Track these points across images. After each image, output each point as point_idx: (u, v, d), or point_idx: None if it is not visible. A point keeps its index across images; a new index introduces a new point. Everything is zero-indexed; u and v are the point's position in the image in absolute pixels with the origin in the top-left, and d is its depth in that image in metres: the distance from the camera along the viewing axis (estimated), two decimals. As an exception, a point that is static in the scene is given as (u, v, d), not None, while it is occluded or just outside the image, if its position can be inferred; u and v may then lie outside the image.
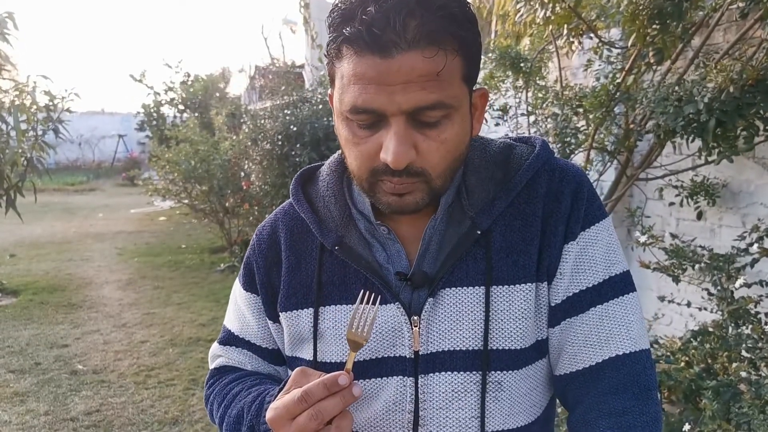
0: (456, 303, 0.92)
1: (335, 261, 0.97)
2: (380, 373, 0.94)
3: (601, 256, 0.93)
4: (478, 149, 0.98)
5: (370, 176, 0.87)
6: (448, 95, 0.82)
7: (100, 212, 13.82)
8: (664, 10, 2.68)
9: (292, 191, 1.04)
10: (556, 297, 0.93)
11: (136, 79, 16.76)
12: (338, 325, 0.96)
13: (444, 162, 0.86)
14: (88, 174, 21.98)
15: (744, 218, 3.33)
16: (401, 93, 0.79)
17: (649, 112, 2.98)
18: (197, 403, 3.99)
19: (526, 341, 0.92)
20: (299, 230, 1.03)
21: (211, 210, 8.92)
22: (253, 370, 1.09)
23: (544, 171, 0.95)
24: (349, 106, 0.83)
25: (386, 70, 0.79)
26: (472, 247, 0.92)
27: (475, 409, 0.92)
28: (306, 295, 0.99)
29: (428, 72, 0.79)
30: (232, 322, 1.12)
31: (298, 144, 6.41)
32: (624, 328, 0.92)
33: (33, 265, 8.31)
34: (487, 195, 0.93)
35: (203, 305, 6.33)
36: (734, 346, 2.71)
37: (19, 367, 4.63)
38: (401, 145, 0.81)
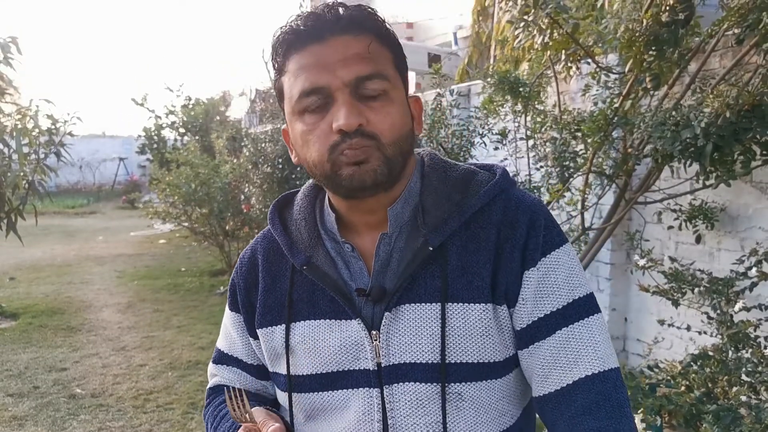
0: (414, 318, 0.97)
1: (305, 280, 1.04)
2: (347, 385, 1.00)
3: (563, 281, 0.97)
4: (439, 171, 1.04)
5: (330, 154, 0.93)
6: (383, 69, 0.94)
7: (100, 235, 13.82)
8: (661, 37, 2.72)
9: (269, 216, 1.11)
10: (521, 322, 0.97)
11: (138, 103, 16.84)
12: (307, 339, 1.02)
13: (392, 132, 0.94)
14: (89, 197, 22.00)
15: (743, 242, 3.34)
16: (341, 68, 0.91)
17: (646, 137, 3.01)
18: (196, 427, 3.97)
19: (484, 357, 0.96)
20: (274, 253, 1.09)
21: (211, 233, 8.92)
22: (244, 387, 1.15)
23: (501, 199, 1.00)
24: (298, 93, 0.93)
25: (324, 51, 0.92)
26: (428, 265, 0.97)
27: (437, 416, 0.96)
28: (279, 312, 1.06)
29: (361, 50, 0.92)
30: (222, 342, 1.20)
31: (298, 167, 6.44)
32: (591, 348, 0.95)
33: (33, 288, 8.30)
34: (442, 215, 0.98)
35: (202, 328, 6.31)
36: (734, 370, 2.71)
37: (17, 390, 4.61)
38: (350, 109, 0.91)
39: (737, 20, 2.77)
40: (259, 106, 11.79)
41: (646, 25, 2.78)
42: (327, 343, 1.01)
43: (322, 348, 1.01)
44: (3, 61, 6.06)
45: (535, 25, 3.17)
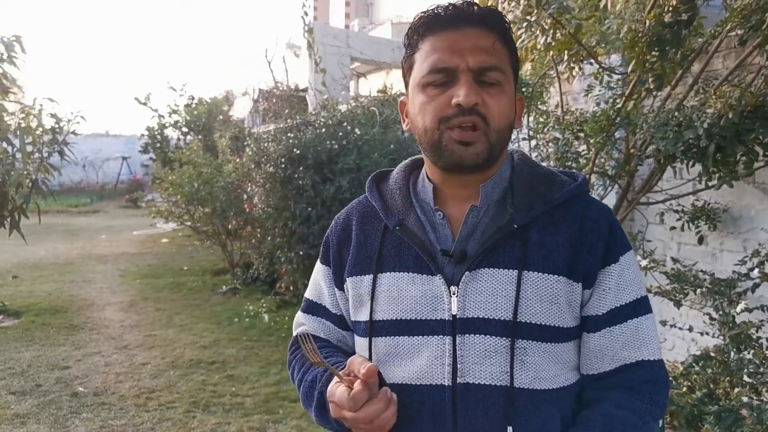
0: (491, 280, 1.11)
1: (394, 239, 1.20)
2: (423, 332, 1.13)
3: (634, 278, 1.15)
4: (528, 165, 1.22)
5: (441, 124, 1.09)
6: (502, 64, 1.11)
7: (103, 234, 13.84)
8: (663, 38, 2.71)
9: (368, 184, 1.30)
10: (601, 309, 1.13)
11: (141, 102, 16.87)
12: (391, 288, 1.17)
13: (500, 119, 1.10)
14: (92, 196, 22.04)
15: (745, 243, 3.34)
16: (469, 55, 1.08)
17: (649, 137, 3.01)
18: (198, 426, 3.98)
19: (550, 321, 1.11)
20: (369, 215, 1.27)
21: (214, 232, 8.93)
22: (327, 337, 1.32)
23: (582, 199, 1.18)
24: (428, 68, 1.10)
25: (458, 38, 1.10)
26: (510, 238, 1.12)
27: (505, 366, 1.09)
28: (368, 264, 1.21)
29: (487, 44, 1.10)
30: (310, 292, 1.36)
31: (301, 167, 6.44)
32: (651, 338, 1.15)
33: (35, 286, 8.31)
34: (529, 200, 1.15)
35: (205, 327, 6.32)
36: (736, 371, 2.71)
37: (20, 388, 4.62)
38: (470, 88, 1.07)
39: (740, 21, 2.77)
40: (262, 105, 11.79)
41: (649, 25, 2.78)
42: (409, 293, 1.15)
43: (404, 297, 1.15)
44: (7, 60, 6.08)
45: (538, 26, 3.17)
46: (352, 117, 6.90)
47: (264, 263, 7.80)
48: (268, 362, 5.22)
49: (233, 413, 4.19)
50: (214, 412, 4.22)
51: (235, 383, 4.74)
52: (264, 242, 7.50)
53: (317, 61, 9.14)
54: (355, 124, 6.69)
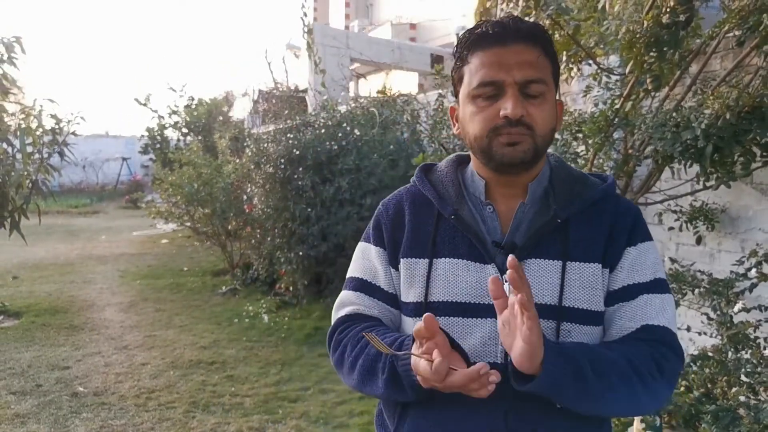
0: (539, 269, 1.22)
1: (447, 227, 1.29)
2: (476, 315, 1.22)
3: (651, 263, 1.25)
4: (565, 167, 1.33)
5: (490, 133, 1.19)
6: (545, 77, 1.20)
7: (102, 234, 13.84)
8: (661, 38, 2.72)
9: (417, 175, 1.38)
10: (615, 285, 1.23)
11: (141, 103, 16.88)
12: (448, 272, 1.26)
13: (544, 126, 1.20)
14: (92, 196, 22.04)
15: (743, 243, 3.35)
16: (516, 69, 1.17)
17: (647, 138, 3.02)
18: (197, 426, 3.99)
19: (591, 305, 1.21)
20: (420, 203, 1.35)
21: (214, 233, 8.94)
22: (379, 315, 1.35)
23: (612, 197, 1.30)
24: (478, 82, 1.19)
25: (504, 54, 1.18)
26: (553, 232, 1.23)
27: None
28: (424, 249, 1.29)
29: (532, 59, 1.19)
30: (363, 273, 1.38)
31: (300, 168, 6.46)
32: (663, 313, 1.22)
33: (36, 286, 8.32)
34: (569, 197, 1.26)
35: (204, 328, 6.33)
36: (734, 370, 2.72)
37: (20, 388, 4.63)
38: (516, 101, 1.16)
39: (738, 22, 2.78)
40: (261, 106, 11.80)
41: (647, 26, 2.79)
42: (464, 278, 1.24)
43: (461, 281, 1.24)
44: (7, 61, 6.09)
45: (537, 27, 3.17)
46: (351, 118, 6.91)
47: (264, 264, 7.81)
48: (268, 362, 5.23)
49: (233, 413, 4.20)
50: (214, 412, 4.22)
51: (234, 383, 4.75)
52: (264, 243, 7.51)
53: (317, 62, 9.15)
54: (355, 125, 6.71)
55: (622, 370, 1.12)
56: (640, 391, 1.13)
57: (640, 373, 1.13)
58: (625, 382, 1.12)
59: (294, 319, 6.49)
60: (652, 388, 1.14)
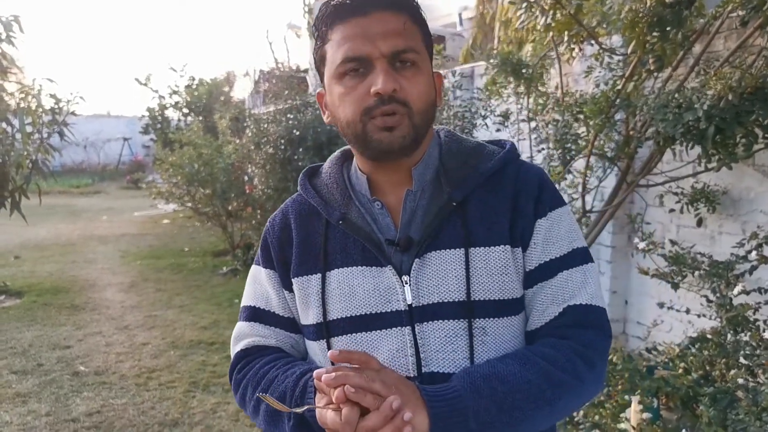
0: (441, 262, 1.09)
1: (338, 234, 1.16)
2: (380, 326, 1.10)
3: (566, 233, 1.13)
4: (455, 141, 1.20)
5: (363, 115, 1.06)
6: (415, 45, 1.08)
7: (104, 215, 13.86)
8: (664, 18, 2.70)
9: (300, 182, 1.25)
10: (530, 264, 1.12)
11: (142, 83, 16.85)
12: (342, 285, 1.13)
13: (420, 101, 1.08)
14: (93, 176, 22.03)
15: (744, 225, 3.34)
16: (381, 40, 1.04)
17: (649, 119, 3.00)
18: (197, 405, 4.01)
19: (505, 294, 1.09)
20: (306, 212, 1.22)
21: (214, 213, 8.94)
22: (277, 343, 1.23)
23: (512, 164, 1.17)
24: (341, 58, 1.06)
25: (367, 24, 1.05)
26: (450, 216, 1.11)
27: (465, 351, 1.08)
28: (314, 263, 1.17)
29: (397, 27, 1.06)
30: (255, 300, 1.27)
31: (300, 148, 6.44)
32: (584, 287, 1.11)
33: (37, 266, 8.34)
34: (462, 175, 1.14)
35: (205, 308, 6.35)
36: (732, 353, 2.72)
37: (21, 368, 4.65)
38: (387, 75, 1.04)
39: (742, 2, 2.75)
40: (262, 86, 11.75)
41: (650, 5, 2.76)
42: (361, 288, 1.12)
43: (357, 292, 1.12)
44: (5, 40, 6.04)
45: (538, 6, 3.15)
46: (352, 98, 6.88)
47: (264, 244, 7.80)
48: (268, 343, 5.24)
49: (232, 393, 4.21)
50: (214, 392, 4.24)
51: (234, 363, 4.76)
52: (264, 223, 7.50)
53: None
54: (356, 106, 6.67)
55: (537, 392, 1.01)
56: (565, 402, 1.05)
57: (562, 383, 1.03)
58: (543, 403, 1.01)
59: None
60: (581, 391, 1.07)
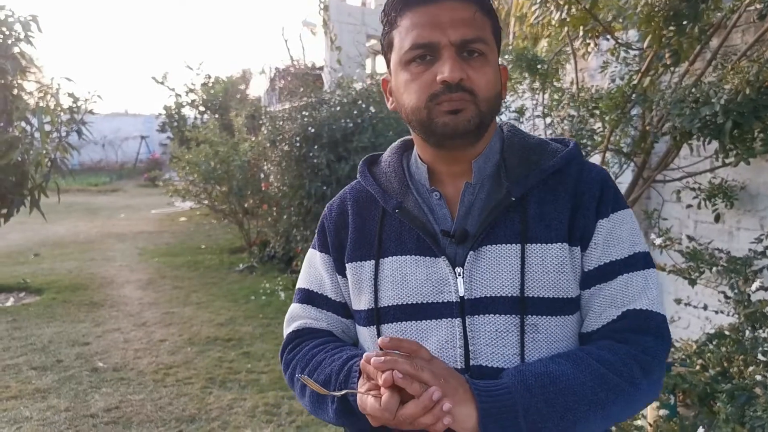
0: (496, 257, 1.09)
1: (394, 222, 1.17)
2: (430, 316, 1.10)
3: (627, 235, 1.11)
4: (519, 136, 1.19)
5: (429, 101, 1.06)
6: (484, 35, 1.07)
7: (122, 213, 13.98)
8: (680, 12, 2.67)
9: (359, 169, 1.27)
10: (589, 264, 1.10)
11: (158, 81, 16.93)
12: (395, 273, 1.14)
13: (486, 90, 1.07)
14: (111, 175, 22.24)
15: (762, 221, 3.30)
16: (450, 29, 1.04)
17: (665, 114, 2.97)
18: (214, 401, 4.04)
19: (559, 292, 1.08)
20: (364, 200, 1.24)
21: (231, 211, 8.99)
22: (328, 327, 1.25)
23: (575, 163, 1.14)
24: (409, 45, 1.06)
25: (437, 13, 1.05)
26: (509, 212, 1.10)
27: (515, 347, 1.06)
28: (368, 249, 1.18)
29: (468, 16, 1.06)
30: (309, 283, 1.29)
31: (315, 146, 6.44)
32: (645, 292, 1.08)
33: (56, 264, 8.44)
34: (523, 171, 1.12)
35: (221, 305, 6.39)
36: (750, 349, 2.69)
37: (41, 364, 4.71)
38: (454, 64, 1.03)
39: (760, -6, 2.71)
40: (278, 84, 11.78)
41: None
42: (413, 277, 1.12)
43: (409, 281, 1.12)
44: (24, 40, 6.11)
45: (553, 1, 3.13)
46: (367, 95, 6.87)
47: (280, 241, 7.84)
48: (284, 339, 5.26)
49: (249, 389, 4.24)
50: (230, 388, 4.27)
51: (251, 360, 4.79)
52: (280, 220, 7.54)
53: (332, 39, 9.09)
54: (370, 103, 6.67)
55: (590, 395, 0.99)
56: (620, 407, 1.02)
57: (616, 388, 1.01)
58: (596, 407, 0.99)
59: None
60: (636, 397, 1.03)
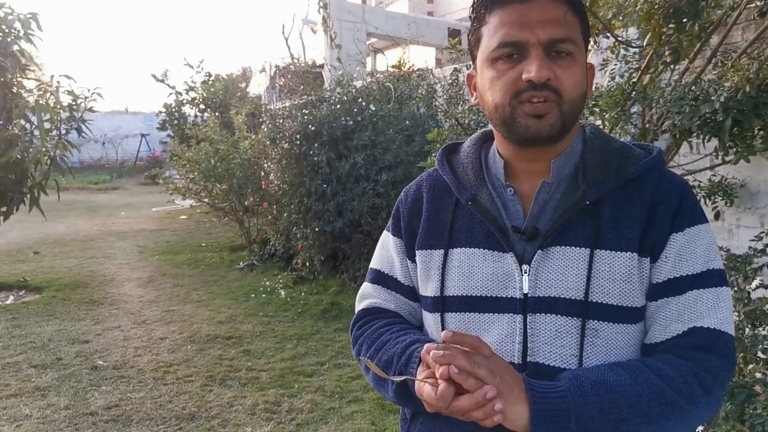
0: (563, 258, 1.09)
1: (466, 214, 1.18)
2: (493, 310, 1.12)
3: (702, 252, 1.08)
4: (601, 139, 1.17)
5: (513, 99, 1.06)
6: (573, 35, 1.07)
7: (122, 210, 13.98)
8: (680, 9, 2.66)
9: (437, 158, 1.29)
10: (659, 277, 1.08)
11: (158, 79, 16.95)
12: (462, 264, 1.16)
13: (572, 90, 1.06)
14: (112, 173, 22.22)
15: (762, 218, 3.30)
16: (539, 28, 1.04)
17: (665, 112, 2.96)
18: (214, 399, 4.04)
19: (624, 300, 1.07)
20: (439, 189, 1.25)
21: (231, 209, 8.99)
22: (396, 309, 1.30)
23: (656, 171, 1.12)
24: (497, 43, 1.06)
25: (527, 11, 1.05)
26: (582, 215, 1.09)
27: (575, 349, 1.07)
28: (439, 238, 1.20)
29: (557, 15, 1.05)
30: (381, 264, 1.33)
31: (316, 143, 6.44)
32: (715, 311, 1.06)
33: (56, 262, 8.43)
34: (601, 175, 1.11)
35: (222, 303, 6.39)
36: (750, 347, 2.69)
37: (41, 362, 4.71)
38: (541, 63, 1.03)
39: (760, -8, 2.70)
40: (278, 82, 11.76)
41: (666, -4, 2.72)
42: (480, 270, 1.14)
43: (476, 273, 1.14)
44: (24, 38, 6.11)
45: (553, -2, 3.11)
46: (367, 93, 6.87)
47: (280, 239, 7.84)
48: (284, 337, 5.27)
49: (249, 387, 4.24)
50: (231, 386, 4.27)
51: (251, 358, 4.79)
52: (280, 218, 7.54)
53: (332, 37, 9.09)
54: (371, 100, 6.67)
55: (645, 408, 0.99)
56: (674, 424, 1.01)
57: (673, 404, 1.00)
58: (650, 421, 0.99)
59: (310, 294, 6.53)
60: (693, 415, 1.03)
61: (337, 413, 3.87)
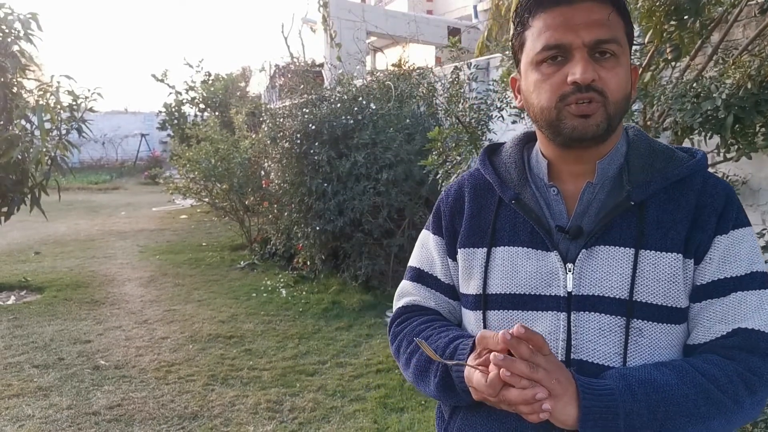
0: (608, 258, 1.10)
1: (508, 213, 1.20)
2: (537, 307, 1.13)
3: (746, 254, 1.09)
4: (645, 141, 1.18)
5: (559, 102, 1.07)
6: (617, 36, 1.07)
7: (122, 210, 13.97)
8: (681, 6, 2.66)
9: (480, 158, 1.30)
10: (703, 279, 1.08)
11: (158, 79, 16.93)
12: (506, 262, 1.17)
13: (617, 91, 1.07)
14: (112, 173, 22.22)
15: (764, 215, 3.30)
16: (584, 30, 1.04)
17: (666, 109, 2.96)
18: (216, 398, 4.04)
19: (668, 301, 1.07)
20: (482, 188, 1.27)
21: (232, 208, 8.98)
22: (436, 307, 1.30)
23: (700, 174, 1.13)
24: (541, 46, 1.07)
25: (571, 14, 1.06)
26: (626, 215, 1.11)
27: (618, 347, 1.08)
28: (482, 237, 1.21)
29: (601, 17, 1.05)
30: (421, 262, 1.34)
31: (316, 142, 6.44)
32: (759, 312, 1.06)
33: (57, 262, 8.43)
34: (646, 177, 1.12)
35: (223, 302, 6.39)
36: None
37: (42, 362, 4.71)
38: (586, 65, 1.04)
39: (761, -11, 2.70)
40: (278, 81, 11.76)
41: (667, -6, 2.72)
42: (524, 268, 1.15)
43: (519, 272, 1.15)
44: (24, 38, 6.11)
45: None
46: (367, 92, 6.87)
47: (281, 239, 7.84)
48: (286, 336, 5.27)
49: (251, 386, 4.24)
50: (232, 385, 4.28)
51: (252, 357, 4.80)
52: (281, 218, 7.53)
53: (332, 36, 9.08)
54: (371, 99, 6.66)
55: (692, 407, 1.00)
56: (720, 423, 1.02)
57: (719, 404, 1.01)
58: (697, 420, 1.00)
59: (311, 293, 6.53)
60: (738, 415, 1.03)
61: (339, 412, 3.87)
